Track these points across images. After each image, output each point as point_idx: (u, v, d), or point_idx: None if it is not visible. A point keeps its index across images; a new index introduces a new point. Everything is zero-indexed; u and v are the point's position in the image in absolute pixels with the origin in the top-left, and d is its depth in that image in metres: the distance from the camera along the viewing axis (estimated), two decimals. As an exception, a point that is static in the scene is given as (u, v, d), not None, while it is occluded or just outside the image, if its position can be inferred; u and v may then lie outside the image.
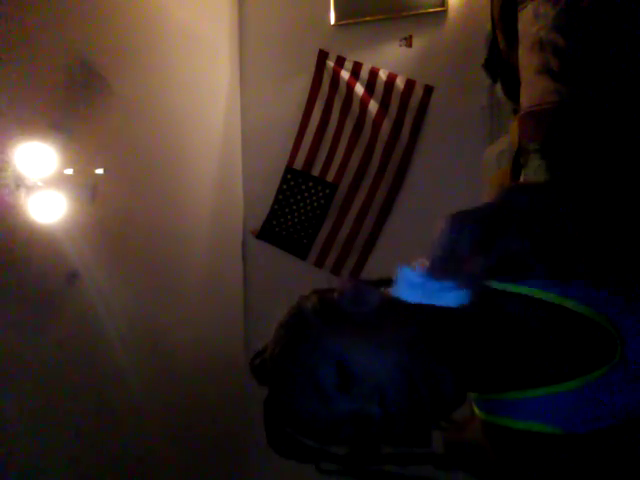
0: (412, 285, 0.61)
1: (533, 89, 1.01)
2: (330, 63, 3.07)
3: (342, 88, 3.06)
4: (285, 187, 3.17)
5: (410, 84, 2.97)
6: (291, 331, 0.68)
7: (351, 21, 3.03)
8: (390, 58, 3.02)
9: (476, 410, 0.75)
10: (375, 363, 0.61)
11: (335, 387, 0.62)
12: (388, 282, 0.72)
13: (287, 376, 0.65)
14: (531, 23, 0.99)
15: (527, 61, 1.02)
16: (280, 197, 3.18)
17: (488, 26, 1.31)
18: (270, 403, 0.70)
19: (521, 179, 1.34)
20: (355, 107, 3.04)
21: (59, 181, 1.80)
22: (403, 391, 0.61)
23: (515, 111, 1.34)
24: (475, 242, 0.60)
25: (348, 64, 3.05)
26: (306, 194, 3.15)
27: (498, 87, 1.46)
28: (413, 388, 0.60)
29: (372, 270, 2.96)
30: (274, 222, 3.20)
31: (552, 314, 0.68)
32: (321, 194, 3.12)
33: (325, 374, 0.62)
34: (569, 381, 0.66)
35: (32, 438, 1.72)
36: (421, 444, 0.76)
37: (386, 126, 3.00)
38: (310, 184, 3.13)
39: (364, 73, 3.02)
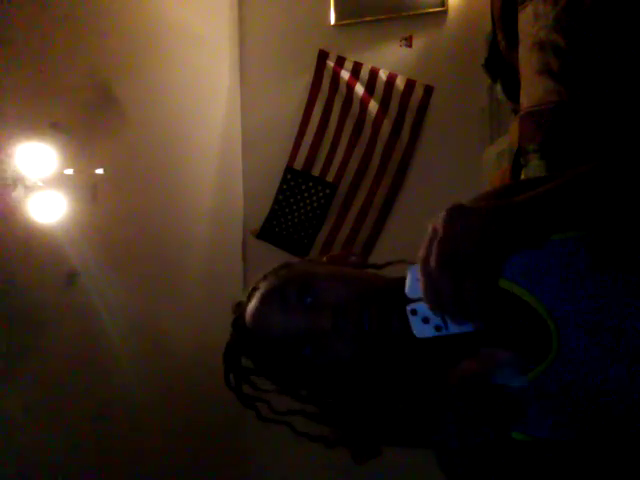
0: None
1: (533, 89, 1.01)
2: (330, 63, 3.07)
3: (342, 88, 3.05)
4: (285, 187, 3.17)
5: (410, 84, 2.97)
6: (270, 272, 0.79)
7: (351, 21, 3.03)
8: (390, 58, 3.02)
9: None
10: (336, 288, 0.70)
11: (296, 299, 0.70)
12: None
13: (261, 294, 0.75)
14: (531, 23, 0.99)
15: (527, 61, 1.02)
16: (280, 197, 3.18)
17: (488, 26, 1.31)
18: (235, 334, 0.78)
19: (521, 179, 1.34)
20: (355, 107, 3.03)
21: (59, 181, 1.80)
22: (356, 309, 0.67)
23: (515, 111, 1.34)
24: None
25: (348, 64, 3.05)
26: (306, 194, 3.14)
27: (498, 87, 1.46)
28: (364, 306, 0.67)
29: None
30: (274, 222, 3.20)
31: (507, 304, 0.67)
32: (321, 194, 3.12)
33: (291, 290, 0.71)
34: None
35: (32, 435, 1.72)
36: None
37: (386, 126, 3.00)
38: (310, 184, 3.13)
39: (364, 73, 3.02)
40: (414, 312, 0.55)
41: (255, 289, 0.77)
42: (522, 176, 1.20)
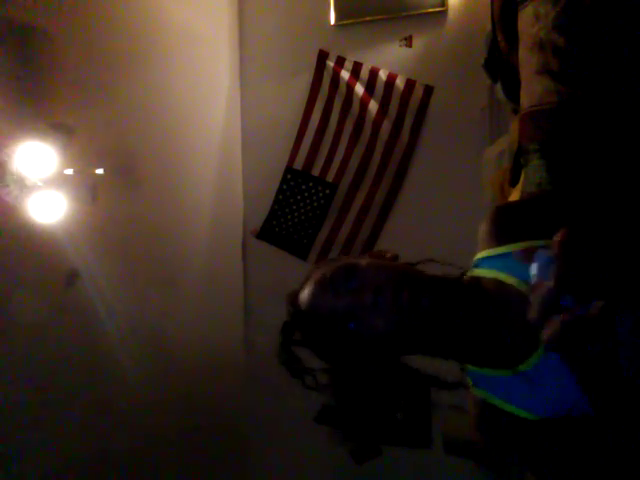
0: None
1: (533, 89, 1.01)
2: (330, 63, 3.07)
3: (342, 88, 3.06)
4: (285, 187, 3.17)
5: (410, 84, 2.97)
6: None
7: (351, 21, 3.03)
8: (390, 58, 3.02)
9: (470, 383, 0.80)
10: (376, 273, 0.81)
11: (343, 284, 0.81)
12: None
13: (314, 281, 0.86)
14: (531, 23, 0.99)
15: (527, 61, 1.02)
16: (280, 197, 3.18)
17: (488, 26, 1.31)
18: (291, 315, 0.88)
19: (521, 179, 1.34)
20: (355, 107, 3.04)
21: (59, 181, 1.80)
22: (392, 289, 0.78)
23: (515, 111, 1.34)
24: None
25: (348, 64, 3.05)
26: (306, 194, 3.15)
27: (498, 87, 1.46)
28: (399, 287, 0.78)
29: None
30: (274, 222, 3.20)
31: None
32: (321, 194, 3.12)
33: (339, 276, 0.82)
34: (517, 366, 0.72)
35: (33, 436, 1.72)
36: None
37: (386, 126, 3.00)
38: (310, 184, 3.13)
39: (364, 73, 3.02)
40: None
41: (308, 278, 0.89)
42: (522, 176, 1.21)
